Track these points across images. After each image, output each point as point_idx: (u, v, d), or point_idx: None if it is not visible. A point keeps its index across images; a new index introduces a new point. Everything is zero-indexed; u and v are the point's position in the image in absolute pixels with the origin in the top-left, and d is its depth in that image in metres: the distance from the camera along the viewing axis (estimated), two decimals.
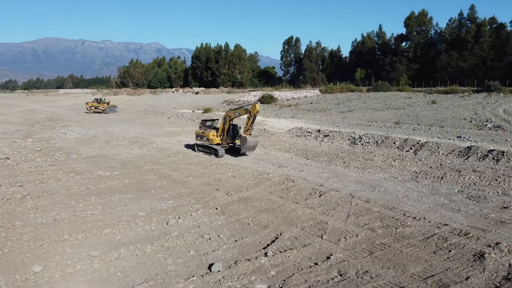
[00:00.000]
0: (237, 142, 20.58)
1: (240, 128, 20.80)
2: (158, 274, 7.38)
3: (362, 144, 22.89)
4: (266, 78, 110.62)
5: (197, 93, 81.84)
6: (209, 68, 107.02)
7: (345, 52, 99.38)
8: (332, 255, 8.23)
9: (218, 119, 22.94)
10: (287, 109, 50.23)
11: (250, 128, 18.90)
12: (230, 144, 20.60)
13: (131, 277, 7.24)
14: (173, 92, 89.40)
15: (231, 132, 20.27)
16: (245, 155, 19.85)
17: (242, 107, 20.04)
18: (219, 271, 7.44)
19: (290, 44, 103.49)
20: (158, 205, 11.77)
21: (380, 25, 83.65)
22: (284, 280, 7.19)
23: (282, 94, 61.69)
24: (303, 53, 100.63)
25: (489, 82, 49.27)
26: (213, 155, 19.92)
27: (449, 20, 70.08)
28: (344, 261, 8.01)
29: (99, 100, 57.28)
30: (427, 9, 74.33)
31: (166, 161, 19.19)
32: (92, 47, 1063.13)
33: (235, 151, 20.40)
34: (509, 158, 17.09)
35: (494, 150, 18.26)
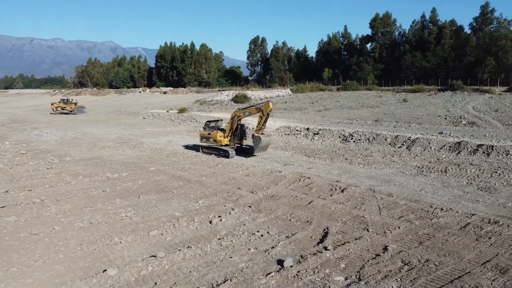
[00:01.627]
0: (244, 142, 20.56)
1: (246, 128, 20.78)
2: (233, 272, 7.39)
3: (354, 141, 23.61)
4: (232, 77, 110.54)
5: (165, 93, 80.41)
6: (174, 68, 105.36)
7: (311, 52, 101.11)
8: (387, 246, 8.57)
9: (222, 120, 22.80)
10: None
11: (262, 127, 18.86)
12: (237, 145, 20.44)
13: (209, 275, 7.21)
14: (140, 92, 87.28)
15: (239, 132, 20.10)
16: (254, 155, 19.81)
17: (253, 105, 19.94)
18: (291, 266, 7.56)
19: (256, 44, 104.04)
20: (189, 205, 11.65)
21: (345, 26, 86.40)
22: (358, 272, 7.44)
23: (255, 94, 62.04)
24: (269, 53, 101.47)
25: (452, 81, 52.19)
26: (221, 157, 19.60)
27: (413, 22, 73.57)
28: (401, 251, 8.37)
29: (66, 101, 54.94)
30: (390, 11, 77.54)
31: (167, 161, 18.90)
32: (42, 45, 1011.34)
33: (242, 152, 20.28)
34: (498, 152, 18.32)
35: (483, 144, 19.50)
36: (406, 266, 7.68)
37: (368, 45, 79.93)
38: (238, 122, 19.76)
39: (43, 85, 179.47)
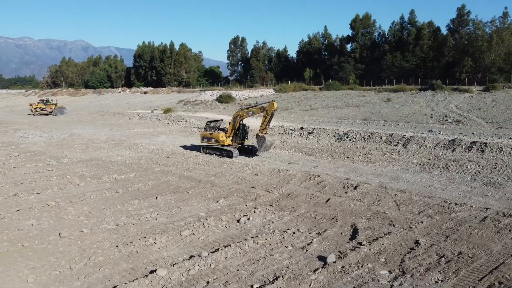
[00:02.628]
0: (246, 142, 20.57)
1: (248, 128, 20.80)
2: (280, 269, 7.47)
3: (350, 140, 24.05)
4: (212, 77, 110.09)
5: (145, 93, 79.28)
6: (153, 68, 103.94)
7: (292, 53, 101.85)
8: (418, 240, 8.85)
9: (222, 120, 22.74)
10: None
11: (266, 127, 18.93)
12: (238, 145, 20.41)
13: (258, 273, 7.27)
14: (120, 92, 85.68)
15: (241, 132, 20.09)
16: (257, 155, 19.85)
17: (256, 105, 19.97)
18: (334, 262, 7.71)
19: (237, 44, 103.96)
20: (210, 205, 11.64)
21: (325, 26, 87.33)
22: (400, 265, 7.66)
23: (239, 93, 62.05)
24: (249, 53, 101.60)
25: (432, 81, 53.74)
26: (224, 157, 19.51)
27: (392, 23, 75.27)
28: (432, 245, 8.66)
29: (45, 101, 53.35)
30: (370, 12, 79.12)
31: (169, 162, 18.74)
32: (9, 44, 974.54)
33: (244, 152, 20.25)
34: (492, 149, 19.06)
35: (477, 142, 20.24)
36: (443, 258, 7.95)
37: (349, 46, 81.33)
38: (241, 122, 19.76)
39: (12, 85, 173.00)
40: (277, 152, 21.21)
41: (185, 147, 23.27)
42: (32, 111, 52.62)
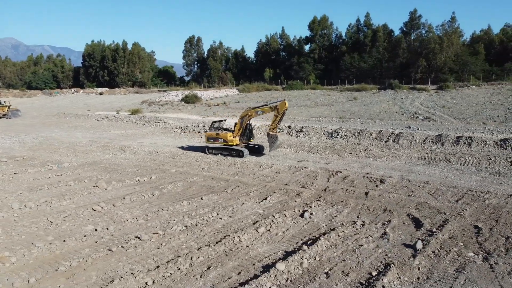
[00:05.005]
0: (251, 141, 20.71)
1: (253, 127, 20.92)
2: (380, 257, 7.91)
3: (341, 137, 25.05)
4: (166, 77, 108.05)
5: (101, 93, 76.12)
6: (105, 67, 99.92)
7: (249, 53, 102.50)
8: (477, 225, 9.70)
9: (225, 120, 22.67)
10: (219, 108, 50.55)
11: (277, 126, 19.16)
12: (244, 144, 20.47)
13: (365, 262, 7.64)
14: (73, 93, 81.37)
15: (248, 132, 20.17)
16: (264, 154, 20.07)
17: (266, 104, 20.11)
18: (423, 247, 8.29)
19: (192, 43, 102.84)
20: (261, 203, 11.81)
21: (282, 27, 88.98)
22: (480, 247, 8.40)
23: (204, 94, 61.60)
24: (206, 52, 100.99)
25: (390, 80, 56.92)
26: (232, 157, 19.51)
27: (349, 25, 78.54)
28: (491, 228, 9.53)
29: None
30: (327, 14, 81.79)
31: (178, 163, 18.49)
32: None
33: (251, 151, 20.32)
34: (477, 143, 20.82)
35: (462, 136, 22.00)
36: (510, 239, 8.81)
37: (307, 46, 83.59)
38: (248, 122, 19.85)
39: None
40: (280, 150, 21.60)
41: (183, 148, 22.98)
42: None
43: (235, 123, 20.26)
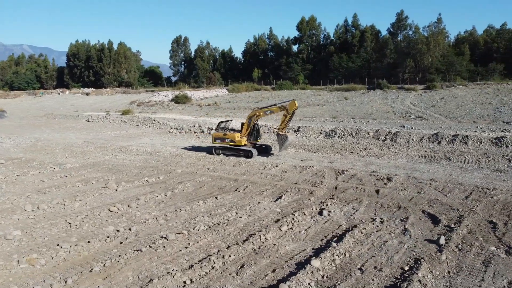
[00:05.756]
0: (258, 142, 20.74)
1: (260, 127, 20.92)
2: (408, 252, 8.09)
3: (339, 136, 25.34)
4: (153, 78, 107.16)
5: (87, 94, 75.00)
6: (91, 67, 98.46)
7: (237, 53, 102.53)
8: (492, 220, 9.99)
9: (232, 120, 22.63)
10: (210, 108, 50.44)
11: (286, 126, 19.23)
12: (252, 145, 20.40)
13: (395, 257, 7.80)
14: (59, 93, 79.92)
15: (255, 132, 20.17)
16: (271, 154, 20.09)
17: (275, 104, 20.09)
18: (446, 243, 8.51)
19: (179, 43, 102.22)
20: (277, 202, 11.89)
21: (270, 27, 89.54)
22: (500, 241, 8.66)
23: (194, 94, 61.35)
24: (193, 52, 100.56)
25: (379, 80, 57.74)
26: (240, 157, 19.45)
27: (337, 26, 79.32)
28: (505, 223, 9.83)
29: None
30: (315, 14, 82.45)
31: (181, 163, 18.43)
32: None
33: (259, 151, 20.22)
34: (473, 141, 21.36)
35: (458, 135, 22.53)
36: None
37: (295, 47, 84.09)
38: (255, 122, 19.84)
39: None
40: (277, 149, 21.70)
41: (182, 148, 22.89)
42: None
43: (242, 123, 20.23)
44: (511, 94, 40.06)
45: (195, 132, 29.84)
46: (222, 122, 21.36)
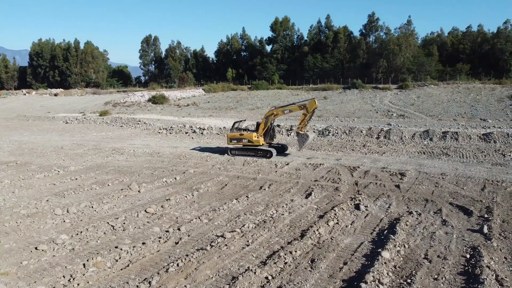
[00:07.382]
0: (274, 141, 20.72)
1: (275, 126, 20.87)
2: (461, 241, 8.55)
3: (333, 135, 25.93)
4: (122, 78, 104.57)
5: (56, 94, 72.16)
6: (56, 67, 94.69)
7: (210, 53, 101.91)
8: None
9: (245, 120, 22.43)
10: (190, 108, 49.94)
11: (306, 125, 19.27)
12: (268, 144, 20.10)
13: (451, 246, 8.23)
14: (25, 94, 76.27)
15: (271, 131, 20.09)
16: (286, 154, 20.08)
17: (293, 103, 19.98)
18: (490, 232, 9.06)
19: (149, 43, 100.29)
20: (308, 199, 12.08)
21: (243, 27, 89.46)
22: None
23: (171, 94, 60.48)
24: (163, 52, 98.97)
25: (353, 80, 59.29)
26: (258, 157, 19.26)
27: (310, 27, 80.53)
28: None
29: None
30: (288, 15, 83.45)
31: (188, 164, 18.27)
32: None
33: (277, 151, 20.08)
34: (463, 137, 22.53)
35: (448, 131, 23.67)
36: None
37: (269, 47, 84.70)
38: (272, 122, 19.71)
39: None
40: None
41: (182, 148, 22.66)
42: None
43: (257, 123, 20.15)
44: (482, 93, 42.45)
45: (186, 133, 29.53)
46: (236, 122, 21.14)
